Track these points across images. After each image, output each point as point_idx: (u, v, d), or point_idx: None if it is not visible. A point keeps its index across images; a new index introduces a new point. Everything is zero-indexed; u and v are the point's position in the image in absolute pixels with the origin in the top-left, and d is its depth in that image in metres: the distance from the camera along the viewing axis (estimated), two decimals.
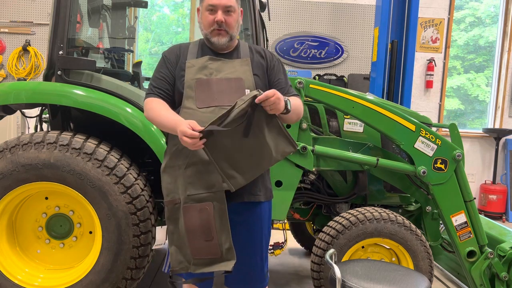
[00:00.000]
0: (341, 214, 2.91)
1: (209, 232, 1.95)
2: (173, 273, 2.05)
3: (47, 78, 2.95)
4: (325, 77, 6.29)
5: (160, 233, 2.07)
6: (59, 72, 2.83)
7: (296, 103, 2.08)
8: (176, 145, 2.00)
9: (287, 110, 1.95)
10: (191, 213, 1.97)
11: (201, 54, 2.10)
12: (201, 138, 1.82)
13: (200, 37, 2.20)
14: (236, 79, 2.03)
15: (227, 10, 2.03)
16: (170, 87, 2.08)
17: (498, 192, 6.31)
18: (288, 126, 2.88)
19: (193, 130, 1.80)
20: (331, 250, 2.32)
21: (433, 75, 6.44)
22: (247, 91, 2.02)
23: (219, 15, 2.02)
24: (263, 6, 3.41)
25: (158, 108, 2.01)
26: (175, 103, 2.09)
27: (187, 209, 1.97)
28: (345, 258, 2.78)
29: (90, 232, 2.84)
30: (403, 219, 2.83)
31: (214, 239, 1.95)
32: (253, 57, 2.14)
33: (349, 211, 2.91)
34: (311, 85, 2.89)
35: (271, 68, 2.17)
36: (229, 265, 1.96)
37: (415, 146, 2.88)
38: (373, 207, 2.92)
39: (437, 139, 2.88)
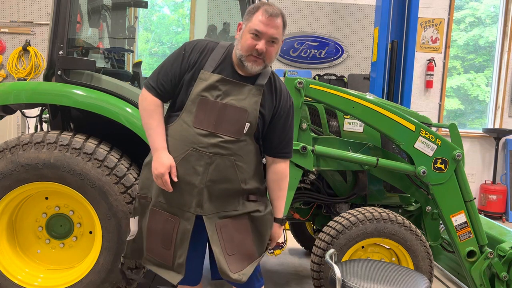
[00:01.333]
0: (341, 214, 2.91)
1: (169, 242, 1.98)
2: (125, 258, 2.14)
3: (47, 78, 2.95)
4: (325, 77, 6.28)
5: (134, 224, 2.11)
6: (59, 72, 2.83)
7: (282, 194, 2.15)
8: None
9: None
10: (157, 218, 2.00)
11: (221, 67, 1.98)
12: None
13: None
14: (241, 110, 1.94)
15: (272, 40, 1.91)
16: (172, 88, 2.02)
17: (498, 192, 6.31)
18: None
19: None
20: (331, 250, 2.32)
21: (433, 75, 6.44)
22: (247, 125, 1.94)
23: (261, 44, 1.89)
24: None
25: (152, 117, 2.00)
26: (175, 102, 2.05)
27: (155, 212, 2.01)
28: (345, 258, 2.78)
29: (90, 232, 2.84)
30: (403, 219, 2.83)
31: (171, 250, 1.98)
32: (270, 89, 2.02)
33: (349, 211, 2.91)
34: (311, 85, 2.89)
35: (278, 116, 2.04)
36: (176, 278, 1.99)
37: (415, 146, 2.88)
38: (373, 207, 2.92)
39: (437, 139, 2.88)
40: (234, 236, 2.00)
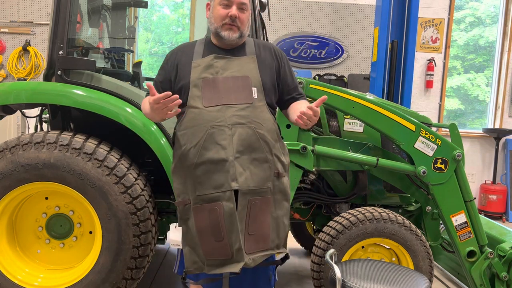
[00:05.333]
0: (341, 214, 2.91)
1: (219, 233, 1.93)
2: (187, 274, 2.05)
3: (47, 78, 2.95)
4: (325, 77, 6.28)
5: (176, 232, 2.07)
6: (59, 72, 2.83)
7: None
8: (183, 146, 2.00)
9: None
10: (201, 214, 1.96)
11: (207, 53, 2.09)
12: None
13: (200, 37, 2.21)
14: (243, 77, 2.03)
15: (241, 7, 2.04)
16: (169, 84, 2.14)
17: (498, 192, 6.31)
18: (288, 126, 2.89)
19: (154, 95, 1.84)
20: (331, 250, 2.31)
21: (433, 75, 6.44)
22: (254, 90, 2.02)
23: (234, 10, 2.02)
24: (263, 6, 3.40)
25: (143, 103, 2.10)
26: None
27: (197, 209, 1.97)
28: (345, 258, 2.78)
29: (90, 232, 2.84)
30: (403, 219, 2.83)
31: (224, 239, 1.93)
32: (260, 53, 2.13)
33: (349, 211, 2.91)
34: (311, 85, 2.89)
35: (282, 67, 2.18)
36: (237, 267, 1.93)
37: (415, 146, 2.88)
38: (373, 207, 2.92)
39: (437, 139, 2.88)
40: (258, 215, 1.98)
